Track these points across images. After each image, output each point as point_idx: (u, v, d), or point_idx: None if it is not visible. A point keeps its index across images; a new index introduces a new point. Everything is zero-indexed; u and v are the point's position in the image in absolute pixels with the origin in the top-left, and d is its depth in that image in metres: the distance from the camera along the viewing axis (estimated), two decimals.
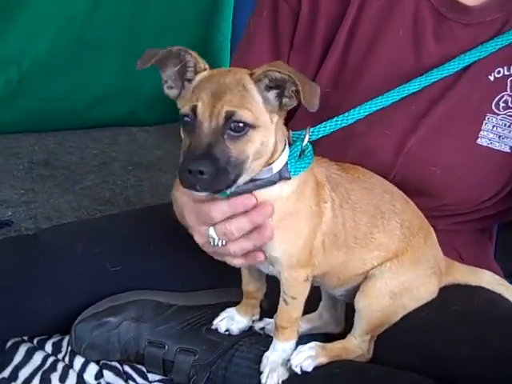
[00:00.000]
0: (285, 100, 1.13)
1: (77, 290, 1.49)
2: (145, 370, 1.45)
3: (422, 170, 1.41)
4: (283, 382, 1.29)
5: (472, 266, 1.46)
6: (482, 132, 1.40)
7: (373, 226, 1.30)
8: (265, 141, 1.13)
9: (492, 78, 1.40)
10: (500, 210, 1.53)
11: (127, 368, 1.45)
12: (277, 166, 1.17)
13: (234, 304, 1.46)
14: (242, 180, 1.13)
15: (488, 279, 1.44)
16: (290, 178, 1.18)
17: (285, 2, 1.49)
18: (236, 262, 1.25)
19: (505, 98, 1.40)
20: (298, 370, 1.28)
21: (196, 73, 1.15)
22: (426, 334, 1.29)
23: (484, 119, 1.40)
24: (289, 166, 1.18)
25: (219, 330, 1.43)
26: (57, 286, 1.48)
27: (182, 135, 1.14)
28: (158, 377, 1.45)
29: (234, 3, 3.55)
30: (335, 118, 1.37)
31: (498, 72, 1.40)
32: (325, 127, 1.36)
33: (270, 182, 1.17)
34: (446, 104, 1.40)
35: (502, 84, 1.40)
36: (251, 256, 1.23)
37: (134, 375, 1.44)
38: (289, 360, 1.30)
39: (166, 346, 1.43)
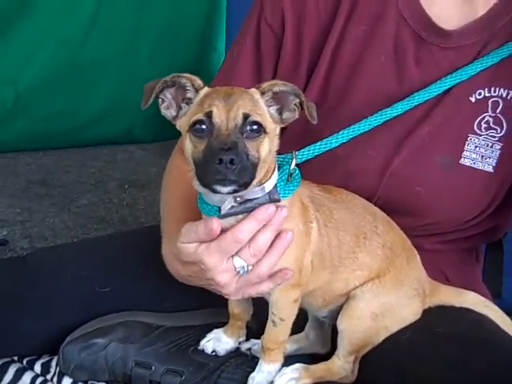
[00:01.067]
0: (286, 114, 1.20)
1: (66, 311, 1.50)
2: None
3: (406, 190, 1.43)
4: None
5: (458, 287, 1.47)
6: (464, 152, 1.42)
7: (355, 246, 1.32)
8: (271, 149, 1.18)
9: (473, 100, 1.42)
10: (485, 229, 1.55)
11: None
12: (268, 186, 1.19)
13: (222, 325, 1.47)
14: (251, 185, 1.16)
15: (473, 300, 1.45)
16: (279, 200, 1.21)
17: (268, 27, 1.51)
18: (264, 288, 1.25)
19: (486, 119, 1.42)
20: None
21: (196, 90, 1.19)
22: (409, 357, 1.30)
23: (466, 140, 1.42)
24: (278, 188, 1.21)
25: (206, 351, 1.44)
26: (46, 308, 1.50)
27: (189, 147, 1.16)
28: None
29: (225, 21, 3.58)
30: (319, 142, 1.40)
31: (479, 94, 1.42)
32: (309, 151, 1.39)
33: (260, 204, 1.19)
34: (428, 125, 1.43)
35: (483, 105, 1.42)
36: (278, 275, 1.24)
37: None
38: (272, 382, 1.31)
39: (153, 367, 1.44)
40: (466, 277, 1.57)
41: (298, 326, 1.40)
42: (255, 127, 1.13)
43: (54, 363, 1.52)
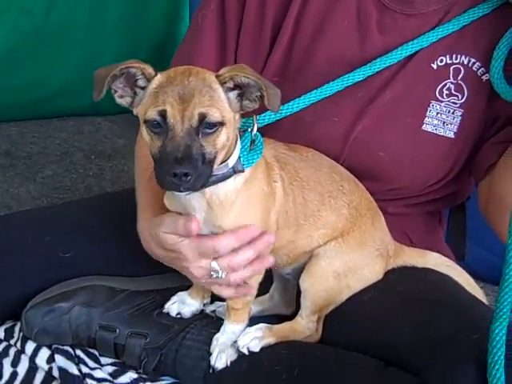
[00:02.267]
0: (245, 102, 1.17)
1: (28, 277, 1.49)
2: (97, 354, 1.46)
3: (369, 156, 1.44)
4: (232, 363, 1.32)
5: (422, 249, 1.49)
6: (426, 118, 1.44)
7: (320, 204, 1.33)
8: (229, 136, 1.16)
9: (435, 67, 1.43)
10: (447, 193, 1.56)
11: (79, 352, 1.45)
12: (231, 161, 1.20)
13: (186, 288, 1.47)
14: None
15: (435, 261, 1.47)
16: (243, 171, 1.21)
17: None
18: (226, 293, 1.29)
19: (448, 86, 1.43)
20: (245, 351, 1.31)
21: (147, 79, 1.16)
22: (369, 315, 1.32)
23: (428, 106, 1.43)
24: (241, 158, 1.21)
25: (170, 314, 1.45)
26: (7, 274, 1.48)
27: (147, 139, 1.15)
28: (110, 360, 1.45)
29: None
30: (281, 107, 1.38)
31: (441, 60, 1.43)
32: (270, 115, 1.39)
33: (225, 177, 1.20)
34: (391, 92, 1.43)
35: (444, 72, 1.43)
36: (241, 289, 1.28)
37: (86, 359, 1.44)
38: (236, 341, 1.31)
39: (118, 330, 1.44)
40: (429, 239, 1.59)
41: (263, 288, 1.41)
42: (211, 125, 1.12)
43: (17, 328, 1.50)
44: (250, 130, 1.26)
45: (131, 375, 1.42)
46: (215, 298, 1.47)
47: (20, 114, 3.44)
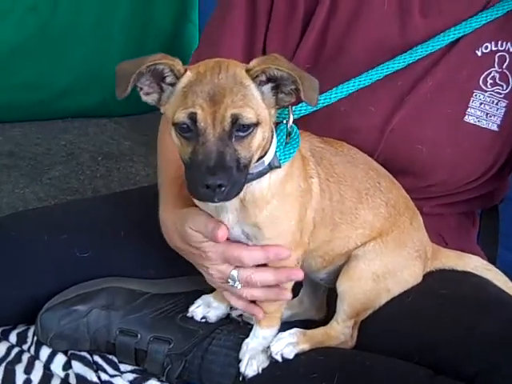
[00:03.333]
0: (281, 96, 1.08)
1: (43, 277, 1.41)
2: (116, 361, 1.38)
3: (407, 148, 1.37)
4: (263, 370, 1.24)
5: (459, 251, 1.42)
6: (469, 109, 1.37)
7: (358, 202, 1.25)
8: (265, 135, 1.08)
9: (479, 54, 1.37)
10: (485, 192, 1.50)
11: (97, 358, 1.37)
12: (268, 158, 1.12)
13: (210, 291, 1.39)
14: None
15: (475, 264, 1.40)
16: (280, 167, 1.13)
17: None
18: (236, 304, 1.26)
19: (492, 75, 1.37)
20: (278, 358, 1.23)
21: (176, 77, 1.07)
22: (412, 319, 1.25)
23: (471, 96, 1.37)
24: (277, 153, 1.13)
25: (195, 318, 1.37)
26: (21, 274, 1.41)
27: (176, 142, 1.07)
28: (129, 367, 1.37)
29: None
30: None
31: (486, 47, 1.37)
32: (306, 106, 1.30)
33: (261, 175, 1.12)
34: (432, 80, 1.36)
35: (489, 60, 1.37)
36: (252, 307, 1.24)
37: (105, 365, 1.36)
38: (269, 347, 1.24)
39: (139, 335, 1.36)
40: (463, 241, 1.53)
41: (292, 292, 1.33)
42: (246, 127, 1.03)
43: (30, 333, 1.43)
44: (285, 121, 1.18)
45: (153, 383, 1.34)
46: None
47: (23, 114, 3.37)
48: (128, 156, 3.05)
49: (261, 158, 1.10)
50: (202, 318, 1.37)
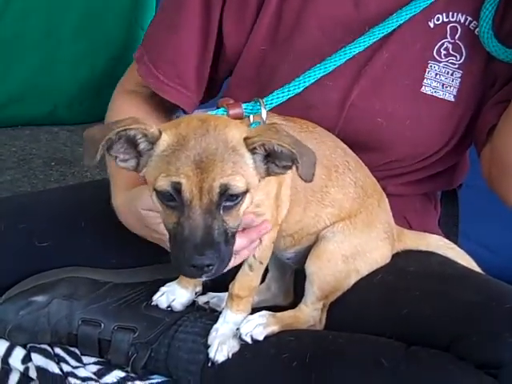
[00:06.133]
0: (273, 168, 1.04)
1: (0, 268, 1.36)
2: (78, 353, 1.33)
3: (367, 122, 1.37)
4: (233, 355, 1.21)
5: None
6: (425, 80, 1.38)
7: (327, 179, 1.25)
8: (253, 198, 1.05)
9: (432, 25, 1.38)
10: (446, 168, 1.51)
11: (58, 350, 1.32)
12: None
13: (174, 280, 1.36)
14: None
15: (438, 243, 1.41)
16: None
17: None
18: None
19: (446, 45, 1.38)
20: (248, 339, 1.20)
21: (151, 142, 1.02)
22: (381, 296, 1.24)
23: (427, 66, 1.38)
24: None
25: (160, 306, 1.33)
26: None
27: (159, 206, 1.03)
28: (92, 359, 1.32)
29: (155, 2, 3.44)
30: (286, 87, 1.31)
31: (437, 19, 1.38)
32: (277, 97, 1.30)
33: None
34: (387, 52, 1.37)
35: (442, 31, 1.38)
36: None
37: (67, 357, 1.30)
38: (238, 329, 1.21)
39: (102, 325, 1.31)
40: (427, 224, 1.53)
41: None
42: (235, 196, 1.00)
43: None
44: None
45: (117, 374, 1.29)
46: (207, 287, 1.37)
47: None
48: (82, 161, 2.99)
49: None
50: (167, 307, 1.33)
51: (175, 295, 1.33)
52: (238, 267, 1.22)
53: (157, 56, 1.43)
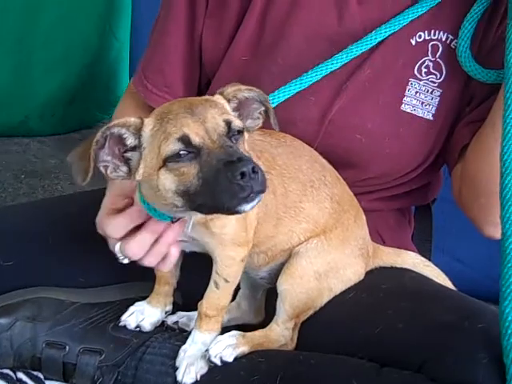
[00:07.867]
0: (248, 121, 1.09)
1: None
2: (42, 377, 1.28)
3: (346, 139, 1.36)
4: (202, 377, 1.18)
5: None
6: (405, 98, 1.37)
7: (302, 194, 1.22)
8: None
9: (414, 43, 1.37)
10: (421, 185, 1.50)
11: (21, 375, 1.26)
12: None
13: (144, 299, 1.32)
14: None
15: (413, 260, 1.39)
16: None
17: None
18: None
19: (426, 63, 1.37)
20: (217, 361, 1.17)
21: (136, 132, 1.02)
22: (354, 315, 1.21)
23: (407, 84, 1.37)
24: None
25: (128, 327, 1.29)
26: None
27: (170, 178, 1.00)
28: (57, 383, 1.28)
29: (132, 7, 3.40)
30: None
31: (419, 36, 1.37)
32: None
33: None
34: (369, 68, 1.36)
35: (423, 48, 1.37)
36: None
37: (30, 382, 1.26)
38: (207, 350, 1.18)
39: (67, 347, 1.27)
40: (400, 240, 1.52)
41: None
42: (236, 134, 1.02)
43: None
44: None
45: None
46: (177, 307, 1.34)
47: None
48: (53, 174, 2.95)
49: None
50: (136, 327, 1.29)
51: (144, 314, 1.30)
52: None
53: (146, 64, 1.47)
